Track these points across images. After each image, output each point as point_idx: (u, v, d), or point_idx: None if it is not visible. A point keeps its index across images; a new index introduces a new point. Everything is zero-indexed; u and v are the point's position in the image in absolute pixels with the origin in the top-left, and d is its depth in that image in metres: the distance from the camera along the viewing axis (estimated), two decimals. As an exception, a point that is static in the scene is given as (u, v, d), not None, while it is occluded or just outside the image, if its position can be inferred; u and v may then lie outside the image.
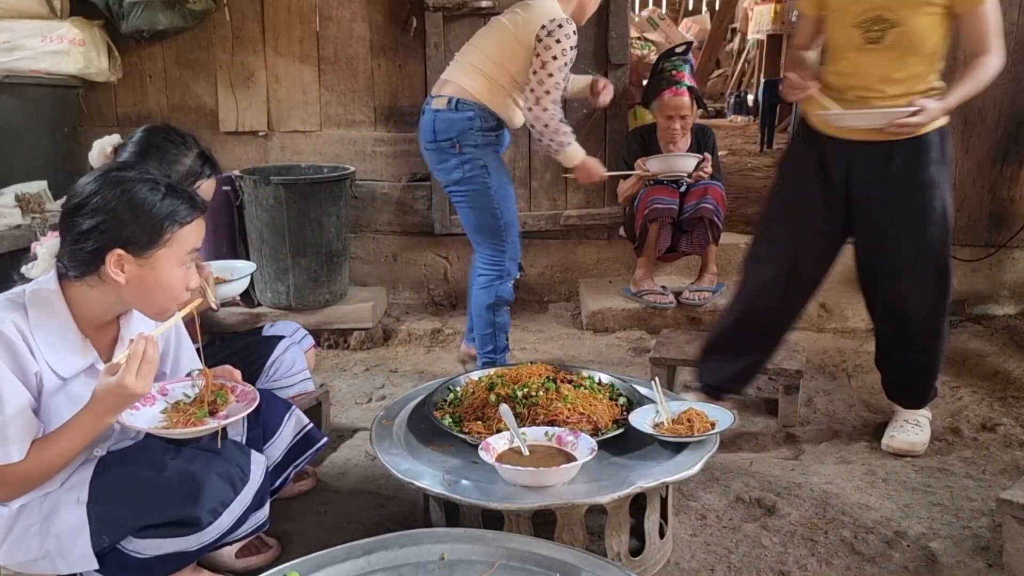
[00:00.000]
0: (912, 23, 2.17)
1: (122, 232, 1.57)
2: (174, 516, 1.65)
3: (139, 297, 1.64)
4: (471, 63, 2.87)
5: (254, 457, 1.79)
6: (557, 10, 2.81)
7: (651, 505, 1.96)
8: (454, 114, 2.83)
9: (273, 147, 4.24)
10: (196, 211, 1.66)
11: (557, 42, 2.74)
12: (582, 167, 2.99)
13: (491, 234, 2.97)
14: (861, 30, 2.23)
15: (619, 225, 4.17)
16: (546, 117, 2.80)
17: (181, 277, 1.66)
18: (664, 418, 2.08)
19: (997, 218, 4.00)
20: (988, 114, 3.89)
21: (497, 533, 1.66)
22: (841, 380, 3.29)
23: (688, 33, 8.93)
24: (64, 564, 1.64)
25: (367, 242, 4.31)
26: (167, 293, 1.65)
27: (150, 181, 1.62)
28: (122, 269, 1.59)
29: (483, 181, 2.88)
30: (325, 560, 1.55)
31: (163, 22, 3.86)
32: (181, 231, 1.63)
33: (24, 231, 3.31)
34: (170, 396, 1.79)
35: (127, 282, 1.60)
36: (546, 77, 2.76)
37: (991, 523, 2.19)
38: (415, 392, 2.37)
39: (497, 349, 3.12)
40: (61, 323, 1.62)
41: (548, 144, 2.88)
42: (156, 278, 1.62)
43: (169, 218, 1.61)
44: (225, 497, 1.70)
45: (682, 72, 3.67)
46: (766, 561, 2.06)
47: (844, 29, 2.26)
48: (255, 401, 1.79)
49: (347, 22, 4.10)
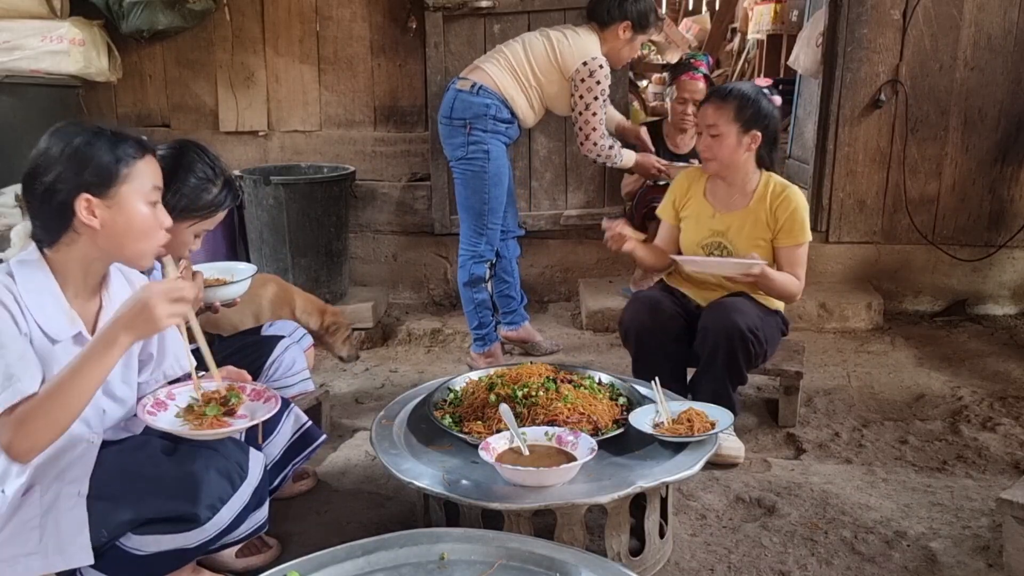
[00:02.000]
0: (745, 252, 2.60)
1: (83, 176, 1.59)
2: (173, 512, 1.65)
3: (117, 241, 1.65)
4: (508, 60, 3.16)
5: (252, 454, 1.79)
6: (595, 48, 3.15)
7: (651, 505, 1.96)
8: (474, 98, 3.10)
9: (273, 147, 4.24)
10: (146, 149, 1.69)
11: (597, 83, 3.12)
12: (638, 167, 3.38)
13: (476, 216, 3.23)
14: (704, 251, 2.71)
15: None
16: (597, 150, 3.23)
17: (151, 215, 1.67)
18: (664, 418, 2.08)
19: (997, 218, 4.00)
20: (988, 114, 3.89)
21: (497, 533, 1.66)
22: (841, 380, 3.29)
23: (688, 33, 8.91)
24: (61, 560, 1.63)
25: (367, 242, 4.31)
26: (143, 231, 1.66)
27: (93, 128, 1.66)
28: (93, 214, 1.60)
29: (482, 165, 3.14)
30: (325, 560, 1.55)
31: (163, 22, 3.86)
32: (136, 165, 1.65)
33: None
34: (179, 400, 1.79)
35: (102, 226, 1.61)
36: (591, 116, 3.16)
37: (991, 523, 2.19)
38: (415, 392, 2.37)
39: (483, 325, 3.37)
40: (48, 288, 1.64)
41: (604, 164, 3.33)
42: (128, 217, 1.64)
43: (122, 153, 1.64)
44: (223, 493, 1.69)
45: (700, 61, 3.77)
46: (766, 561, 2.06)
47: (692, 246, 2.74)
48: (276, 398, 1.80)
49: (347, 22, 4.10)
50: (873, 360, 3.49)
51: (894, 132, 3.96)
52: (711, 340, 2.48)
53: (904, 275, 4.10)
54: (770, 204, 2.59)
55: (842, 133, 3.99)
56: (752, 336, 2.45)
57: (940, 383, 3.25)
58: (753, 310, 2.53)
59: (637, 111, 4.51)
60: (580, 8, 3.39)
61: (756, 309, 2.55)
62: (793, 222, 2.56)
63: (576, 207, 4.21)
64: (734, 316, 2.45)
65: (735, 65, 8.66)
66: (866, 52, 3.88)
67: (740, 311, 2.48)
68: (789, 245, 2.58)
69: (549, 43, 3.15)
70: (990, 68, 3.84)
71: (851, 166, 4.02)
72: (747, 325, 2.45)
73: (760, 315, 2.55)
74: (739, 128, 2.55)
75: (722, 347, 2.46)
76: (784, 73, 6.91)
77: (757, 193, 2.62)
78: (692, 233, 2.73)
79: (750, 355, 2.49)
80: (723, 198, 2.69)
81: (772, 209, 2.58)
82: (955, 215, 4.03)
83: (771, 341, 2.60)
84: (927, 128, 3.94)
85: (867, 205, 4.06)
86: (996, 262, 4.03)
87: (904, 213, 4.03)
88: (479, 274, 3.29)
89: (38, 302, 1.62)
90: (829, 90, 4.00)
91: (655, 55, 8.14)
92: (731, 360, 2.48)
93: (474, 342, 3.43)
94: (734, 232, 2.64)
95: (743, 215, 2.63)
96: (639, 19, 3.18)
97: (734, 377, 2.53)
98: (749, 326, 2.45)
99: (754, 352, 2.49)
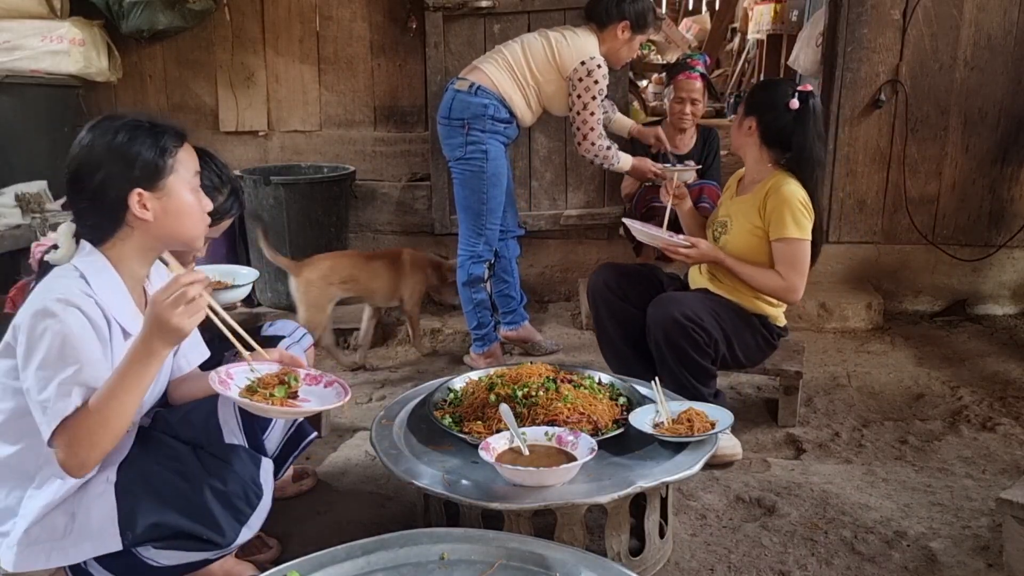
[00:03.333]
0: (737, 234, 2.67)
1: (133, 171, 1.62)
2: (192, 531, 1.67)
3: (170, 229, 1.69)
4: (506, 60, 3.17)
5: (263, 466, 1.80)
6: (594, 48, 3.14)
7: (651, 505, 1.96)
8: (472, 98, 3.11)
9: (273, 147, 4.24)
10: (183, 136, 1.74)
11: (595, 83, 3.11)
12: (635, 171, 3.35)
13: (474, 216, 3.23)
14: (711, 229, 2.81)
15: (619, 225, 4.18)
16: (595, 150, 3.21)
17: (196, 200, 1.73)
18: (664, 418, 2.08)
19: (997, 218, 4.01)
20: (988, 114, 3.89)
21: (497, 533, 1.66)
22: (841, 380, 3.29)
23: (688, 33, 8.91)
24: (91, 546, 1.64)
25: (367, 242, 4.31)
26: (192, 218, 1.72)
27: (131, 121, 1.68)
28: (145, 207, 1.64)
29: (480, 165, 3.15)
30: (325, 560, 1.55)
31: (163, 22, 3.86)
32: (179, 154, 1.70)
33: (24, 231, 3.31)
34: (237, 380, 1.75)
35: (155, 218, 1.66)
36: (588, 116, 3.15)
37: (991, 523, 2.19)
38: (415, 392, 2.37)
39: (482, 325, 3.37)
40: (118, 285, 1.68)
41: (602, 165, 3.30)
42: (178, 205, 1.68)
43: (166, 144, 1.67)
44: (243, 515, 1.73)
45: (697, 61, 3.79)
46: (766, 561, 2.06)
47: (709, 223, 2.85)
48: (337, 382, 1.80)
49: (347, 22, 4.10)
50: (873, 360, 3.49)
51: (894, 132, 3.96)
52: (653, 333, 2.54)
53: (904, 275, 4.10)
54: (765, 195, 2.61)
55: (842, 133, 3.99)
56: (691, 324, 2.46)
57: (940, 383, 3.25)
58: (700, 303, 2.55)
59: (637, 111, 4.52)
60: (580, 8, 3.39)
61: (710, 304, 2.57)
62: (779, 214, 2.55)
63: (576, 207, 4.21)
64: (670, 306, 2.50)
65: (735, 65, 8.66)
66: (866, 52, 3.88)
67: (678, 301, 2.53)
68: (775, 238, 2.58)
69: (547, 43, 3.15)
70: (990, 68, 3.84)
71: (851, 166, 4.02)
72: (682, 313, 2.47)
73: (712, 309, 2.56)
74: (743, 112, 2.67)
75: (663, 338, 2.50)
76: (784, 73, 6.91)
77: (761, 184, 2.65)
78: (716, 210, 2.83)
79: (696, 343, 2.49)
80: (744, 184, 2.77)
81: (764, 199, 2.60)
82: (955, 215, 4.03)
83: (736, 336, 2.59)
84: (927, 128, 3.94)
85: (867, 205, 4.06)
86: (996, 262, 4.03)
87: (904, 213, 4.03)
88: (477, 274, 3.29)
89: (114, 301, 1.66)
90: (829, 90, 4.00)
91: (655, 55, 8.15)
92: (677, 350, 2.49)
93: (474, 342, 3.43)
94: (736, 216, 2.69)
95: (746, 201, 2.67)
96: (637, 19, 3.18)
97: (690, 368, 2.52)
98: (685, 314, 2.47)
99: (701, 340, 2.49)
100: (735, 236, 2.67)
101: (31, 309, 1.55)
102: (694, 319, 2.48)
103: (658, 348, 2.54)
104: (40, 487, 1.65)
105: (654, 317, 2.53)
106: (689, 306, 2.51)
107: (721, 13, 8.93)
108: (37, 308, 1.54)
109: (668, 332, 2.48)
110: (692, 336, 2.47)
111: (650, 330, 2.56)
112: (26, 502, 1.65)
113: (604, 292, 2.78)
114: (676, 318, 2.47)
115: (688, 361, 2.51)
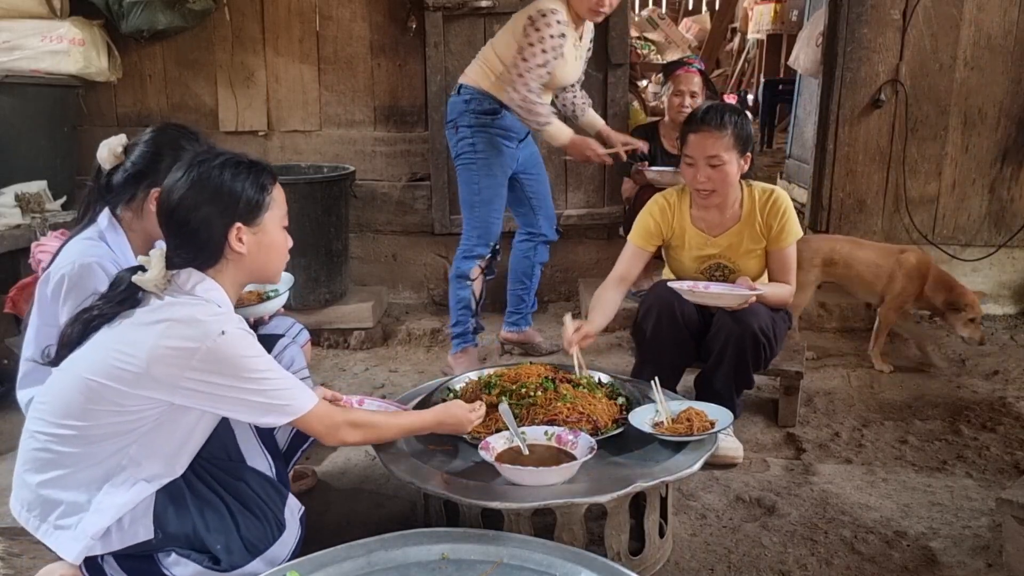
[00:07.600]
0: (745, 266, 2.63)
1: (237, 208, 1.69)
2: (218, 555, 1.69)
3: (258, 264, 1.76)
4: (480, 53, 3.18)
5: (289, 504, 1.83)
6: (549, 3, 2.94)
7: (651, 505, 1.96)
8: (456, 97, 3.17)
9: (273, 147, 4.24)
10: (275, 176, 1.81)
11: (536, 30, 2.92)
12: (572, 146, 3.14)
13: (468, 208, 3.26)
14: (706, 275, 2.68)
15: (619, 225, 4.18)
16: (518, 99, 2.97)
17: (284, 237, 1.82)
18: (664, 417, 2.08)
19: (997, 218, 4.01)
20: (988, 114, 3.90)
21: (497, 533, 1.67)
22: (841, 380, 3.29)
23: (688, 33, 8.92)
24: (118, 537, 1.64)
25: (367, 242, 4.31)
26: (279, 252, 1.81)
27: (232, 158, 1.73)
28: (241, 241, 1.71)
29: (469, 157, 3.17)
30: (325, 560, 1.56)
31: (163, 22, 3.86)
32: (274, 192, 1.77)
33: (24, 231, 3.31)
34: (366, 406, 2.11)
35: (248, 252, 1.72)
36: (520, 62, 2.95)
37: (991, 523, 2.19)
38: (415, 392, 2.37)
39: (459, 323, 3.33)
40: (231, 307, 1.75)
41: (527, 122, 3.06)
42: (270, 241, 1.76)
43: (264, 182, 1.74)
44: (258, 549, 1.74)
45: (694, 59, 3.86)
46: (766, 561, 2.06)
47: (690, 273, 2.70)
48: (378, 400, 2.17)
49: (347, 22, 4.10)
50: (872, 360, 3.49)
51: (894, 132, 3.96)
52: (723, 338, 2.47)
53: (904, 275, 4.10)
54: (760, 214, 2.57)
55: (842, 133, 3.99)
56: (764, 339, 2.46)
57: (940, 383, 3.25)
58: (765, 311, 2.52)
59: (637, 111, 4.51)
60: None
61: (768, 310, 2.55)
62: (786, 224, 2.55)
63: (576, 207, 4.21)
64: (748, 318, 2.44)
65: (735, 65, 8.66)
66: (866, 52, 3.88)
67: (755, 312, 2.46)
68: (782, 247, 2.57)
69: (511, 20, 3.06)
70: (990, 68, 3.84)
71: (851, 166, 4.02)
72: (760, 326, 2.44)
73: (771, 316, 2.55)
74: (737, 154, 2.48)
75: (733, 346, 2.46)
76: (784, 73, 6.91)
77: (746, 207, 2.59)
78: (688, 261, 2.68)
79: (759, 358, 2.50)
80: (714, 222, 2.62)
81: (764, 218, 2.57)
82: (955, 215, 4.03)
83: (780, 340, 2.61)
84: (927, 128, 3.94)
85: (867, 205, 4.06)
86: (996, 262, 4.03)
87: (904, 213, 4.03)
88: (464, 270, 3.28)
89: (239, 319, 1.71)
90: (829, 90, 4.00)
91: (655, 55, 8.14)
92: (740, 361, 2.47)
93: (451, 339, 3.40)
94: (732, 250, 2.62)
95: (738, 231, 2.61)
96: None
97: (740, 378, 2.53)
98: (762, 327, 2.45)
99: (764, 356, 2.50)
100: (745, 270, 2.62)
101: (200, 338, 1.57)
102: (767, 333, 2.46)
103: (721, 353, 2.48)
104: (118, 486, 1.64)
105: (731, 323, 2.44)
106: (763, 317, 2.47)
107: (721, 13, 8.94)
108: (210, 330, 1.59)
109: (741, 342, 2.44)
110: (760, 352, 2.47)
111: (719, 334, 2.47)
112: (102, 498, 1.63)
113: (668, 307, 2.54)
114: (755, 332, 2.42)
115: (743, 371, 2.51)
